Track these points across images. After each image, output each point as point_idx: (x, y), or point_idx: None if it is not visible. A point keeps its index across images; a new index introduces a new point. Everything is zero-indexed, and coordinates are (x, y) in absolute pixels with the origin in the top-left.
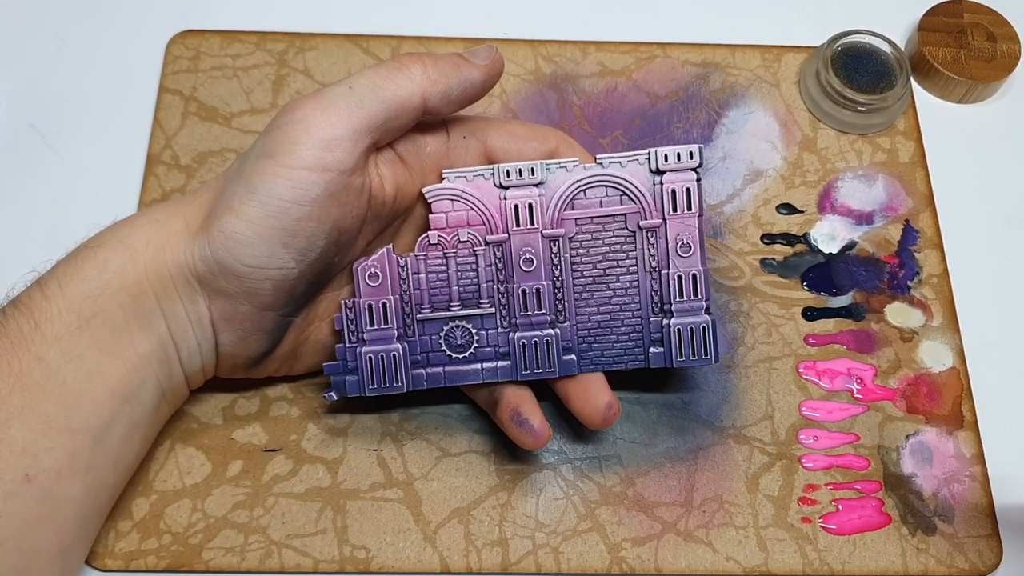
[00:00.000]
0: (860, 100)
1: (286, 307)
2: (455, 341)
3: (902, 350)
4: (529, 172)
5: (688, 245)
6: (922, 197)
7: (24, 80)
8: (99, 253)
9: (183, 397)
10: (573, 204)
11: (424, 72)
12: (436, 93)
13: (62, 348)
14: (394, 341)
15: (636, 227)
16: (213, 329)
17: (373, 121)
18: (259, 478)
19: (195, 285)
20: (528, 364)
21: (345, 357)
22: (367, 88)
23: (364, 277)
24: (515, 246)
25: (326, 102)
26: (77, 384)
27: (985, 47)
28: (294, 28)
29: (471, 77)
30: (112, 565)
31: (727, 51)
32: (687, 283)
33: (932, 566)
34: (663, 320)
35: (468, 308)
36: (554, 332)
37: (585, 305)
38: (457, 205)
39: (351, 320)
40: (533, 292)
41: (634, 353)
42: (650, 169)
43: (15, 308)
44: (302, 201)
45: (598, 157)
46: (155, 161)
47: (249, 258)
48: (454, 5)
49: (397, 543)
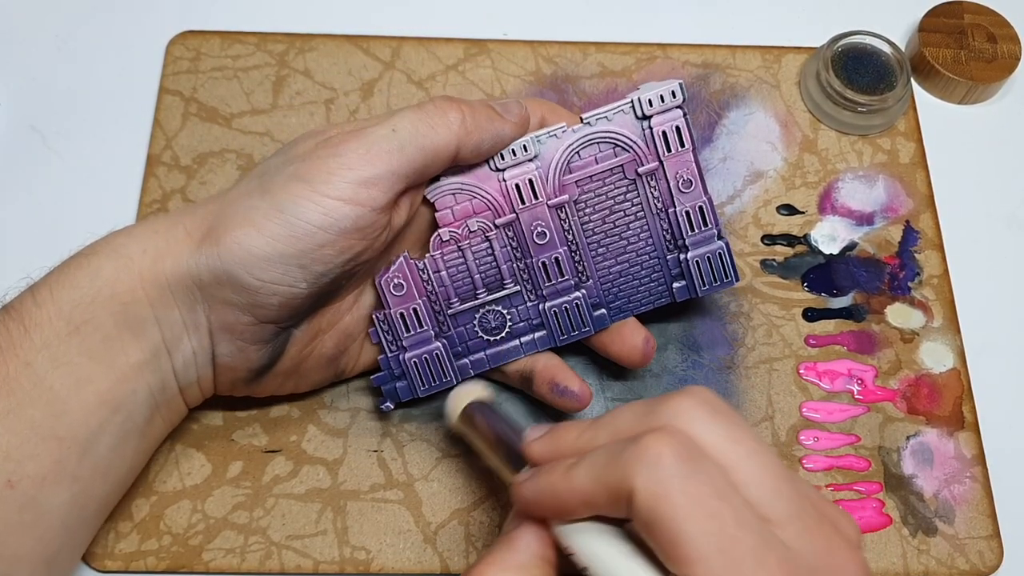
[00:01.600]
0: (860, 101)
1: (288, 321)
2: (489, 325)
3: (903, 351)
4: (522, 149)
5: (689, 180)
6: (922, 198)
7: (25, 81)
8: (92, 261)
9: (180, 414)
10: (570, 168)
11: (463, 123)
12: (470, 144)
13: (51, 354)
14: (433, 340)
15: (635, 174)
16: (211, 338)
17: (411, 167)
18: (259, 479)
19: (196, 294)
20: (564, 329)
21: (390, 366)
22: (409, 134)
23: (389, 289)
24: (525, 223)
25: (368, 143)
26: (65, 391)
27: (985, 48)
28: (294, 29)
29: (503, 132)
30: (112, 566)
31: (727, 52)
32: (695, 216)
33: (933, 567)
34: (680, 255)
35: (494, 292)
36: (580, 293)
37: (603, 260)
38: (460, 197)
39: (386, 331)
40: (552, 262)
41: (659, 292)
42: (636, 116)
43: (6, 313)
44: (330, 229)
45: (584, 116)
46: (155, 162)
47: (262, 273)
48: (454, 6)
49: (397, 544)
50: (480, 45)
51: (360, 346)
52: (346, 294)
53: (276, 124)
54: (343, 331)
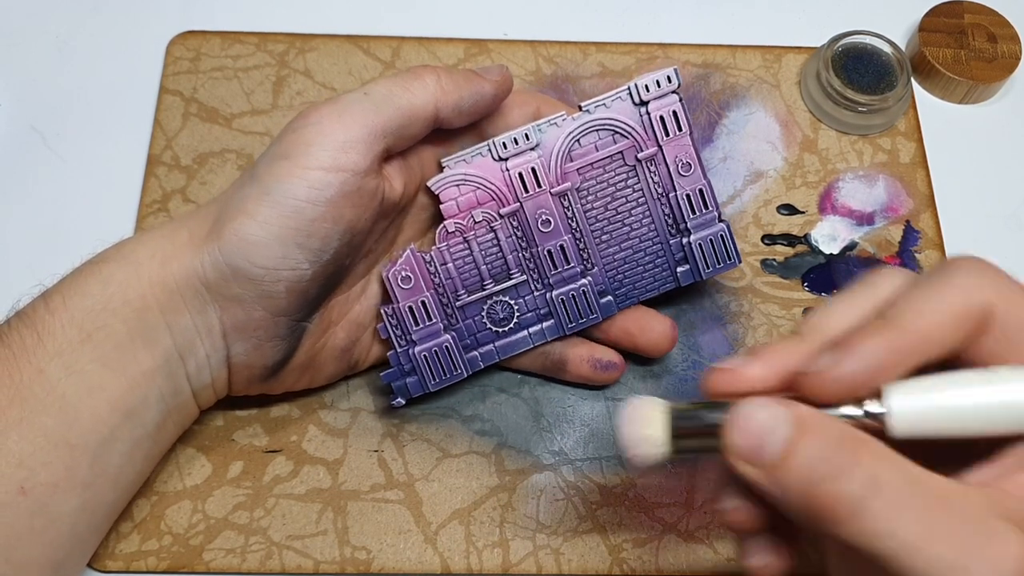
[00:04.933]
0: (861, 101)
1: (300, 311)
2: (497, 316)
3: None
4: (523, 138)
5: (688, 164)
6: (923, 198)
7: (25, 82)
8: (103, 268)
9: (191, 416)
10: (571, 156)
11: (438, 82)
12: (449, 103)
13: (63, 362)
14: (442, 333)
15: (635, 160)
16: (225, 340)
17: (387, 126)
18: (260, 479)
19: (205, 295)
20: (571, 317)
21: (399, 362)
22: (382, 95)
23: (396, 282)
24: (529, 212)
25: (341, 107)
26: (77, 398)
27: (986, 48)
28: (294, 29)
29: (483, 90)
30: (112, 566)
31: (727, 52)
32: (696, 199)
33: None
34: (682, 239)
35: (501, 282)
36: (586, 281)
37: (607, 247)
38: (463, 188)
39: (395, 326)
40: (557, 250)
41: (663, 278)
42: (634, 103)
43: (19, 320)
44: (317, 201)
45: (582, 104)
46: (156, 162)
47: (263, 259)
48: (454, 6)
49: (398, 544)
50: (480, 45)
51: (372, 336)
52: (354, 281)
53: (276, 124)
54: (354, 321)
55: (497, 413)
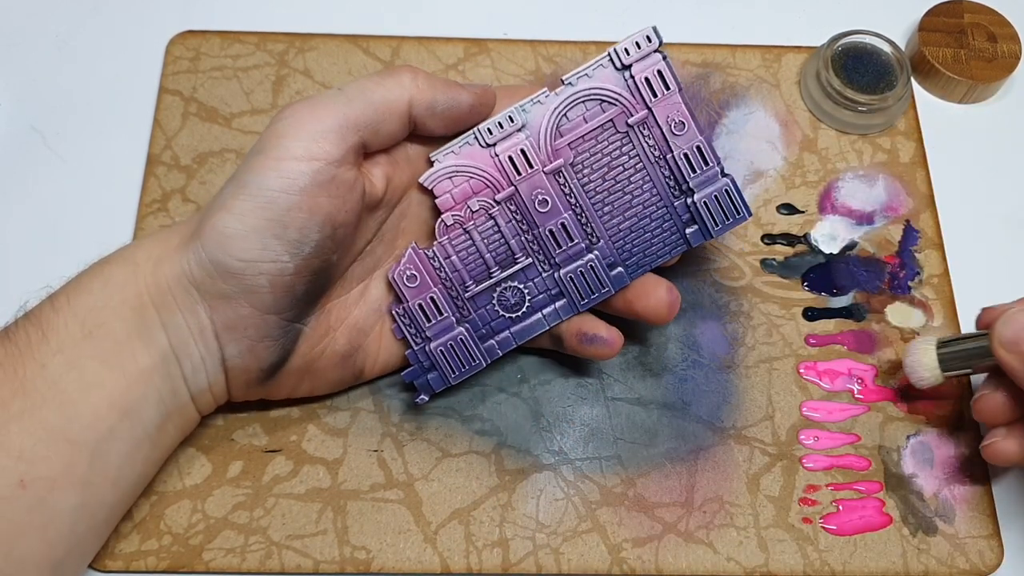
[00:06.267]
0: (860, 100)
1: (289, 310)
2: (508, 302)
3: (903, 350)
4: (508, 120)
5: (681, 122)
6: (923, 197)
7: (25, 82)
8: (105, 269)
9: (192, 420)
10: (560, 132)
11: (414, 80)
12: (423, 102)
13: (65, 357)
14: (456, 326)
15: (626, 126)
16: (217, 341)
17: (359, 119)
18: (259, 479)
19: (194, 293)
20: (583, 293)
21: (418, 359)
22: (356, 90)
23: (403, 281)
24: (525, 194)
25: (315, 101)
26: (77, 394)
27: (985, 47)
28: (294, 29)
29: (459, 97)
30: (112, 566)
31: (727, 51)
32: (695, 157)
33: (933, 567)
34: (687, 200)
35: (507, 268)
36: (594, 255)
37: (611, 218)
38: (456, 180)
39: (408, 324)
40: (559, 228)
41: (673, 241)
42: (616, 68)
43: (26, 319)
44: (290, 191)
45: (564, 78)
46: (155, 162)
47: (241, 252)
48: (454, 5)
49: (398, 544)
50: (480, 44)
51: (378, 344)
52: (351, 284)
53: None
54: (353, 326)
55: (497, 413)
